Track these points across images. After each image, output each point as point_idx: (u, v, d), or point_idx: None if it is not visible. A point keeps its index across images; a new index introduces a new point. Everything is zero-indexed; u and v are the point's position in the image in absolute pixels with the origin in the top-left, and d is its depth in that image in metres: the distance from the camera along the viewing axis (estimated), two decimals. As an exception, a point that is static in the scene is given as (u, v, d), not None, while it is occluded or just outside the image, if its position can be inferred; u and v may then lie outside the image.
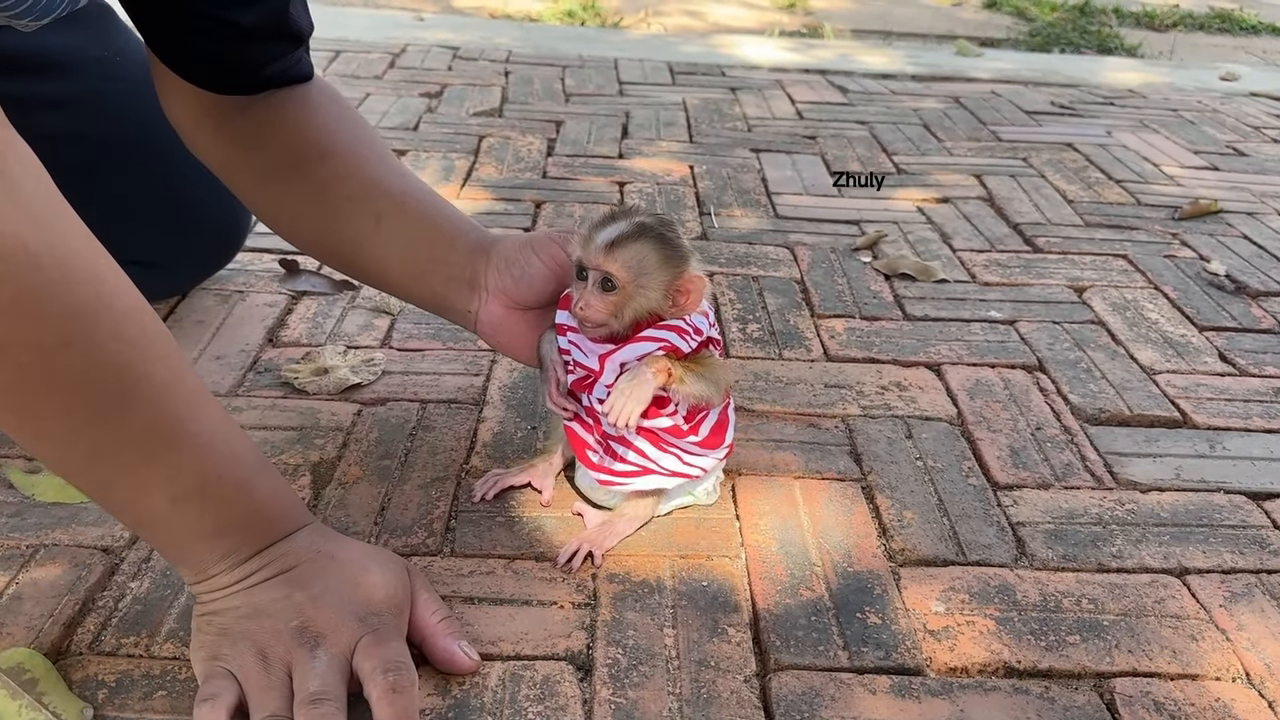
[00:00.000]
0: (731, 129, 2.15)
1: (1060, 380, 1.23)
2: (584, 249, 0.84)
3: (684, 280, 0.85)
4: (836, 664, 0.80)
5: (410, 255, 0.98)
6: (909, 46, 3.20)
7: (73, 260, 0.65)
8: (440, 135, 1.99)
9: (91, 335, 0.66)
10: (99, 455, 0.70)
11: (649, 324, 0.86)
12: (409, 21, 3.03)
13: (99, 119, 1.03)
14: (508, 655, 0.79)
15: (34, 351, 0.64)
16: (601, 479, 0.91)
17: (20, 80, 1.06)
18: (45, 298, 0.64)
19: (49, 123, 1.09)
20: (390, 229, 0.97)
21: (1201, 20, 3.96)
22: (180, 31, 0.93)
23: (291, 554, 0.76)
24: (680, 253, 0.85)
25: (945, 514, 0.98)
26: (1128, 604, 0.88)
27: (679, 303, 0.86)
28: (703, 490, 0.96)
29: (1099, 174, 1.99)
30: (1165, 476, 1.06)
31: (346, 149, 1.00)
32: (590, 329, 0.86)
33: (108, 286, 0.68)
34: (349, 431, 1.05)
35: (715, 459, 0.93)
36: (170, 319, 1.24)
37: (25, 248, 0.62)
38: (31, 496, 0.93)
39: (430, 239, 0.97)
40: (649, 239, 0.84)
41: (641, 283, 0.84)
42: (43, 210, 0.65)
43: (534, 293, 0.93)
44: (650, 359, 0.85)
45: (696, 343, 0.87)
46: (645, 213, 0.86)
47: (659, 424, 0.88)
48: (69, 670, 0.75)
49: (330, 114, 1.01)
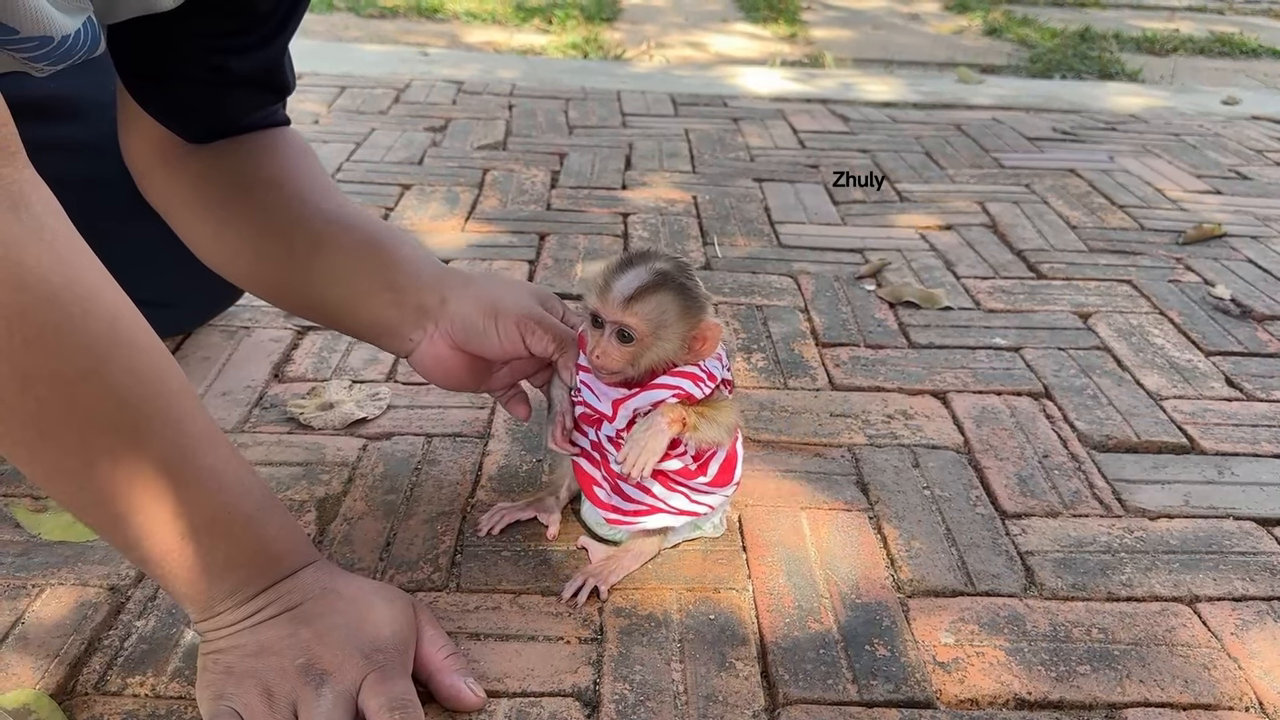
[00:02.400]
0: (734, 159, 2.16)
1: (1067, 407, 1.23)
2: (601, 299, 0.82)
3: (701, 329, 0.84)
4: (846, 698, 0.79)
5: (351, 280, 0.96)
6: (910, 74, 3.22)
7: (92, 296, 0.67)
8: (445, 169, 2.00)
9: (108, 370, 0.67)
10: (110, 490, 0.70)
11: (664, 370, 0.85)
12: (414, 56, 3.05)
13: (112, 163, 1.04)
14: (514, 691, 0.78)
15: (53, 385, 0.65)
16: (610, 517, 0.91)
17: (35, 124, 1.07)
18: (65, 332, 0.65)
19: (64, 167, 1.10)
20: (332, 254, 0.96)
21: (1202, 44, 3.98)
22: (167, 76, 0.94)
23: (297, 591, 0.76)
24: (699, 302, 0.83)
25: (953, 543, 0.97)
26: (1138, 633, 0.87)
27: (695, 349, 0.85)
28: (710, 525, 0.96)
29: (1102, 199, 1.99)
30: (1174, 503, 1.06)
31: (296, 180, 0.99)
32: (605, 376, 0.85)
33: (124, 323, 0.69)
34: (354, 466, 1.05)
35: (724, 496, 0.93)
36: (176, 355, 1.25)
37: (48, 283, 0.64)
38: (38, 535, 0.93)
39: (375, 264, 0.95)
40: (669, 290, 0.82)
41: (660, 334, 0.82)
42: (64, 248, 0.66)
43: (482, 351, 0.93)
44: (664, 408, 0.84)
45: (711, 388, 0.86)
46: (662, 256, 0.84)
47: (668, 466, 0.87)
48: (75, 711, 0.75)
49: (290, 154, 1.02)
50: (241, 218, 0.99)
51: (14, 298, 0.63)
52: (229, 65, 0.92)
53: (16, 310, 0.63)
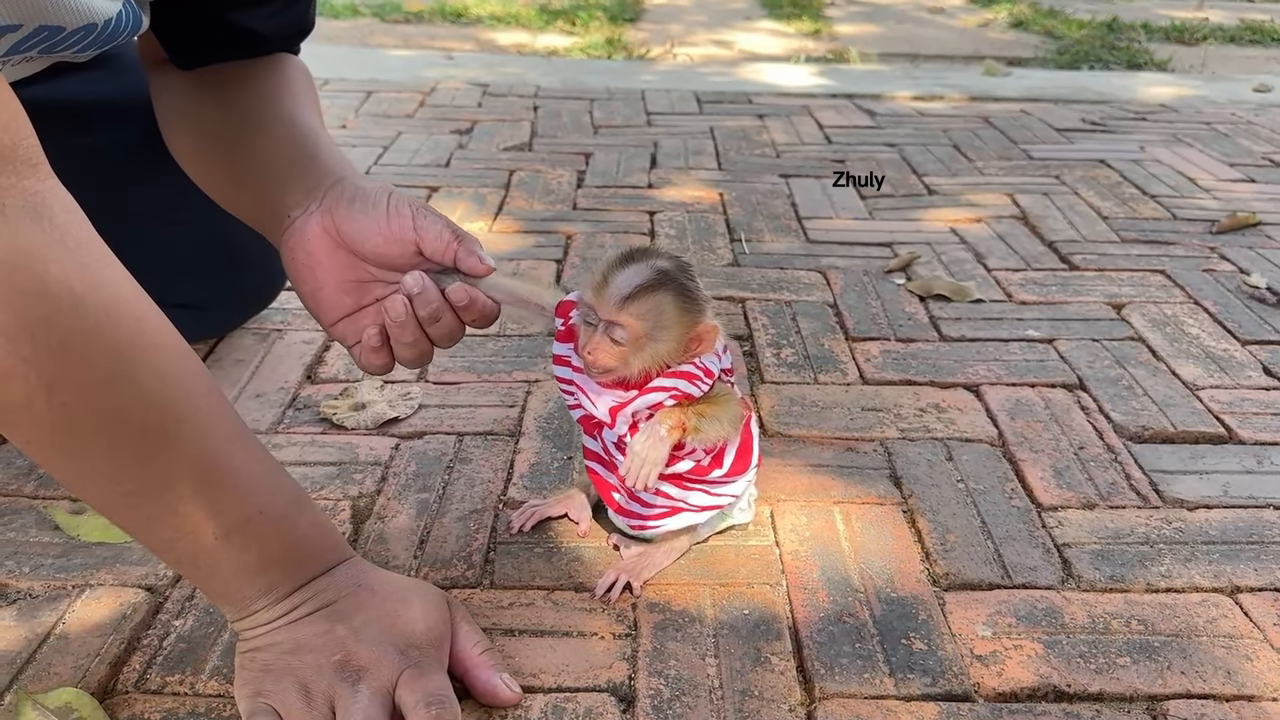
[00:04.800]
0: (760, 155, 2.16)
1: (1101, 398, 1.21)
2: (597, 296, 0.79)
3: (699, 331, 0.81)
4: (883, 692, 0.78)
5: (264, 160, 0.92)
6: (936, 68, 3.20)
7: (115, 302, 0.67)
8: (471, 171, 2.01)
9: (134, 374, 0.68)
10: (142, 494, 0.71)
11: (658, 371, 0.82)
12: (439, 60, 3.07)
13: (151, 167, 1.05)
14: (549, 687, 0.78)
15: (79, 391, 0.65)
16: (632, 524, 0.91)
17: (71, 128, 1.09)
18: (89, 339, 0.65)
19: (104, 170, 1.12)
20: (264, 136, 0.93)
21: (1232, 33, 3.93)
22: (198, 40, 0.96)
23: (332, 588, 0.76)
24: (698, 304, 0.80)
25: (989, 536, 0.97)
26: (1178, 624, 0.86)
27: (691, 350, 0.82)
28: (738, 511, 0.95)
29: (1133, 189, 1.97)
30: (1212, 494, 1.04)
31: (281, 88, 0.98)
32: (596, 374, 0.82)
33: (149, 327, 0.69)
34: (387, 465, 1.06)
35: (745, 481, 0.92)
36: (210, 358, 1.26)
37: (71, 290, 0.64)
38: (76, 536, 0.94)
39: (295, 151, 0.91)
40: (668, 290, 0.79)
41: (655, 335, 0.79)
42: (86, 255, 0.66)
43: (364, 232, 0.84)
44: (662, 415, 0.81)
45: (709, 385, 0.83)
46: (663, 254, 0.81)
47: (680, 468, 0.86)
48: (115, 709, 0.76)
49: (296, 77, 1.01)
50: (214, 108, 0.98)
51: (37, 306, 0.63)
52: (257, 28, 0.94)
53: (40, 318, 0.63)
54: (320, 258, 0.86)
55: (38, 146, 0.66)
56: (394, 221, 0.83)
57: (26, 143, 0.65)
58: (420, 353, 0.86)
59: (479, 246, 0.84)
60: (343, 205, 0.85)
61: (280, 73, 1.00)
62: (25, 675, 0.78)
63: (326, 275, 0.86)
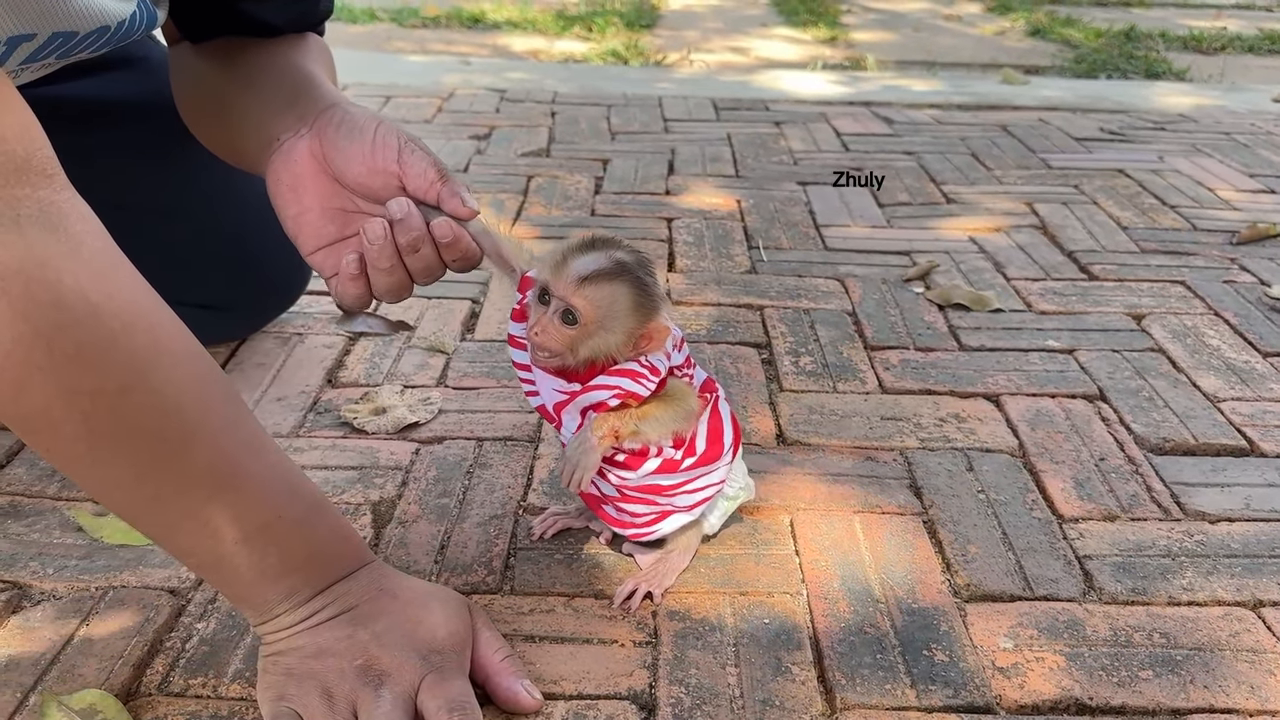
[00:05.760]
0: (777, 163, 2.16)
1: (1122, 409, 1.21)
2: (554, 275, 0.78)
3: (650, 328, 0.80)
4: (904, 703, 0.78)
5: (267, 98, 0.89)
6: (953, 76, 3.20)
7: (131, 310, 0.67)
8: (490, 176, 2.01)
9: (150, 381, 0.68)
10: (162, 500, 0.71)
11: (603, 365, 0.81)
12: (456, 65, 3.08)
13: (174, 167, 1.05)
14: (570, 694, 0.78)
15: (97, 399, 0.66)
16: (629, 534, 0.90)
17: (93, 127, 1.10)
18: (105, 347, 0.66)
19: (127, 171, 1.12)
20: (265, 79, 0.91)
21: (1251, 42, 3.91)
22: (212, 26, 0.95)
23: (353, 593, 0.77)
24: (653, 301, 0.79)
25: (1010, 548, 0.96)
26: (1201, 638, 0.86)
27: (639, 347, 0.80)
28: (733, 491, 0.93)
29: (1152, 199, 1.97)
30: (1234, 506, 1.04)
31: (292, 47, 0.96)
32: (541, 356, 0.81)
33: (165, 334, 0.70)
34: (408, 470, 1.06)
35: (724, 467, 0.89)
36: (231, 361, 1.27)
37: (86, 300, 0.65)
38: (99, 539, 0.94)
39: (292, 87, 0.89)
40: (625, 281, 0.78)
41: (606, 324, 0.78)
42: (102, 263, 0.67)
43: (348, 158, 0.82)
44: (598, 420, 0.81)
45: (655, 383, 0.82)
46: (626, 248, 0.80)
47: (649, 468, 0.85)
48: (139, 711, 0.76)
49: (310, 44, 0.99)
50: (218, 68, 0.96)
51: (53, 316, 0.64)
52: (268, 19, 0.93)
53: (56, 327, 0.64)
54: (305, 181, 0.83)
55: (52, 157, 0.66)
56: (378, 152, 0.81)
57: (41, 153, 0.65)
58: (397, 282, 0.81)
59: (464, 189, 0.81)
60: (330, 129, 0.82)
61: (292, 41, 0.97)
62: (50, 676, 0.79)
63: (311, 200, 0.83)
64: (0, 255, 0.62)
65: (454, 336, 1.35)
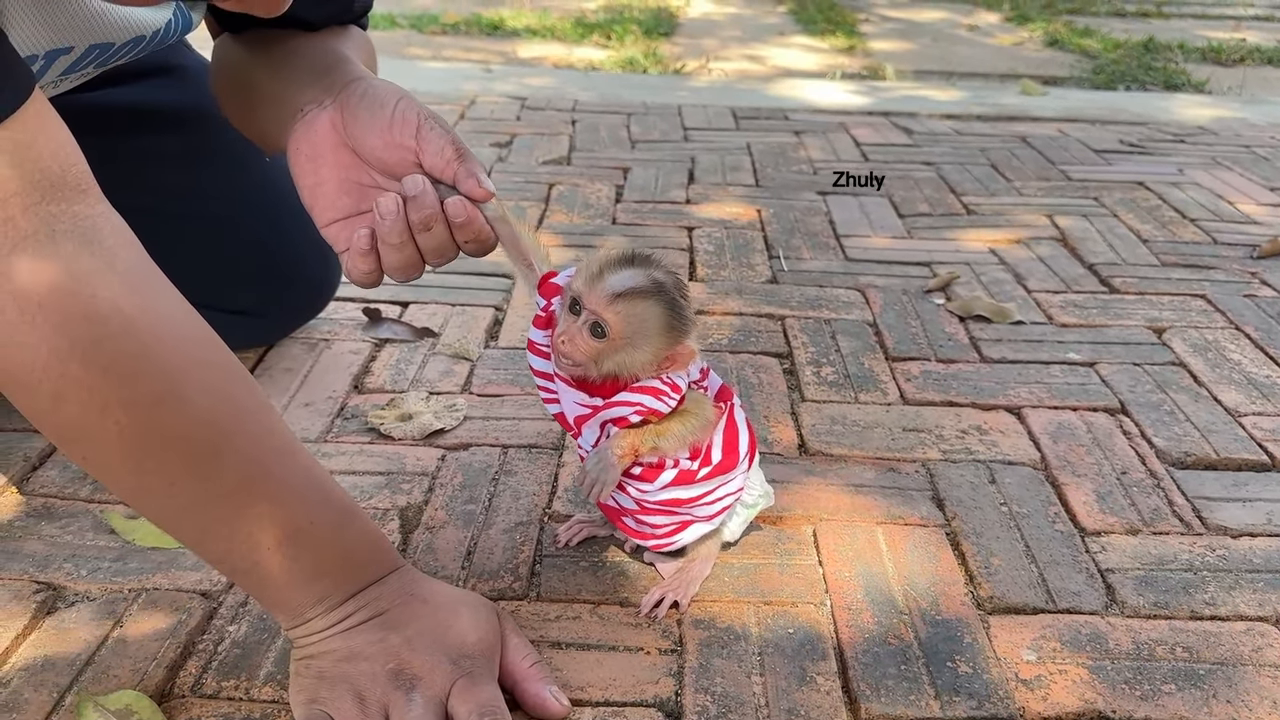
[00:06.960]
0: (797, 172, 2.17)
1: (1144, 423, 1.21)
2: (588, 286, 0.78)
3: (676, 351, 0.80)
4: (928, 714, 0.79)
5: (296, 74, 0.89)
6: (971, 86, 3.20)
7: (164, 322, 0.69)
8: (511, 184, 2.03)
9: (183, 392, 0.69)
10: (195, 507, 0.72)
11: (625, 383, 0.81)
12: (477, 73, 3.10)
13: (212, 173, 1.07)
14: (597, 701, 0.79)
15: (130, 410, 0.67)
16: (651, 544, 0.91)
17: (133, 134, 1.11)
18: (139, 359, 0.67)
19: (166, 177, 1.14)
20: (298, 59, 0.90)
21: (1270, 54, 3.90)
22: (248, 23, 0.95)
23: (384, 597, 0.78)
24: (684, 324, 0.80)
25: (1033, 560, 0.97)
26: (1224, 652, 0.86)
27: (664, 367, 0.81)
28: (753, 497, 0.94)
29: (1173, 212, 1.97)
30: (1257, 521, 1.04)
31: (329, 34, 0.96)
32: (563, 363, 0.81)
33: (197, 345, 0.71)
34: (434, 476, 1.07)
35: (741, 475, 0.90)
36: (260, 367, 1.28)
37: (120, 313, 0.66)
38: (132, 541, 0.96)
39: (322, 64, 0.88)
40: (659, 302, 0.78)
41: (635, 342, 0.78)
42: (136, 276, 0.68)
43: (368, 131, 0.81)
44: (618, 437, 0.82)
45: (676, 400, 0.83)
46: (663, 267, 0.80)
47: (665, 479, 0.86)
48: (173, 713, 0.77)
49: (349, 33, 0.99)
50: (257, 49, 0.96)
51: (88, 329, 0.65)
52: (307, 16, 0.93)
53: (91, 340, 0.65)
54: (324, 152, 0.82)
55: (87, 172, 0.67)
56: (396, 127, 0.79)
57: (76, 169, 0.66)
58: (406, 260, 0.80)
59: (481, 169, 0.80)
60: (354, 100, 0.81)
61: (334, 30, 0.97)
62: (84, 677, 0.80)
63: (329, 171, 0.82)
64: (37, 271, 0.63)
65: (478, 343, 1.36)
